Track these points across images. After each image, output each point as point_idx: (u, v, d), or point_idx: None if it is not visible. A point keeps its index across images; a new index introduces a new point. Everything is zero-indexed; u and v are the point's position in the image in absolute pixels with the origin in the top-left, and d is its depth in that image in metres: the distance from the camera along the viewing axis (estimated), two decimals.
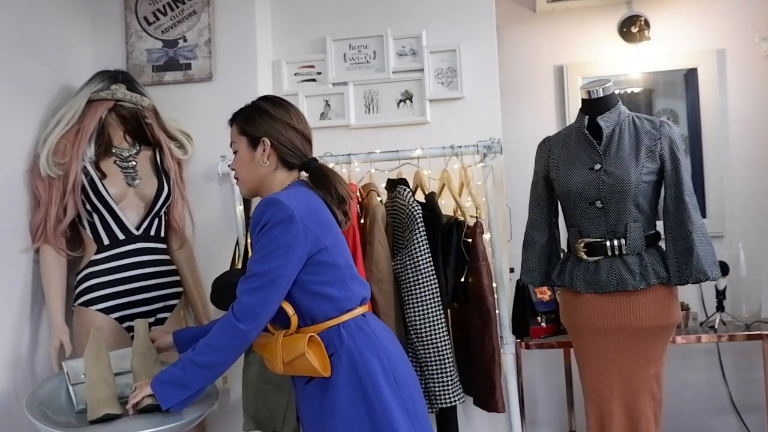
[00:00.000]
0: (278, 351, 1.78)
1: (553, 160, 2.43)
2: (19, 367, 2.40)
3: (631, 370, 2.27)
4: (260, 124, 1.88)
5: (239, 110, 1.94)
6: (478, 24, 2.91)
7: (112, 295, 2.47)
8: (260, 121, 1.88)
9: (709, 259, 2.25)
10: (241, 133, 1.90)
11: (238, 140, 1.90)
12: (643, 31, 3.46)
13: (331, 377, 1.77)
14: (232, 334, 1.74)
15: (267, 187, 1.90)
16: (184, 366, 1.79)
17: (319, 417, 1.80)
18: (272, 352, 1.80)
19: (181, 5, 2.91)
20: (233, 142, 1.92)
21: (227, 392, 2.78)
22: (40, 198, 2.46)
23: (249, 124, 1.89)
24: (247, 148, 1.89)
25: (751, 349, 3.24)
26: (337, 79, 2.98)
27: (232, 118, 1.94)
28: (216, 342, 1.76)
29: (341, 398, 1.76)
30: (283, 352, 1.77)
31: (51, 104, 2.60)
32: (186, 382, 1.79)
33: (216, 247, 2.80)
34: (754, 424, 3.34)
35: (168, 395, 1.81)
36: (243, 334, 1.74)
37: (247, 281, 1.77)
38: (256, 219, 1.77)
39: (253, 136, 1.88)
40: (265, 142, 1.87)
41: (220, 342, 1.76)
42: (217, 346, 1.76)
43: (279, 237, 1.74)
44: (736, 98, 3.43)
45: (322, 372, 1.75)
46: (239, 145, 1.90)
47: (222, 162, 2.77)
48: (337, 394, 1.76)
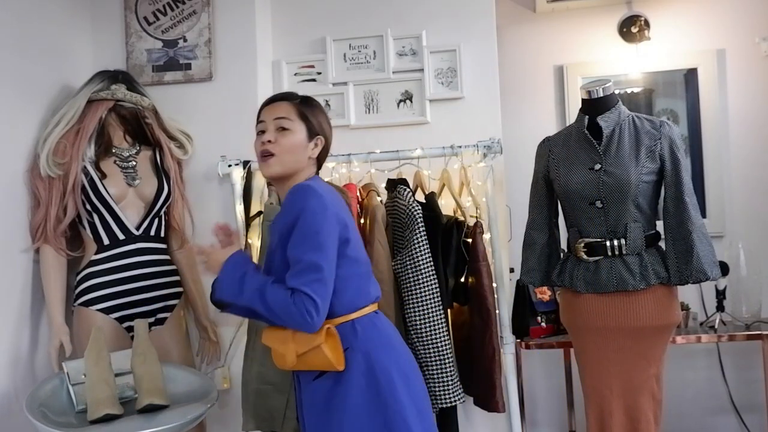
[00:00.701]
0: (291, 343, 1.75)
1: (553, 160, 2.43)
2: (19, 367, 2.39)
3: (631, 370, 2.27)
4: (321, 122, 1.92)
5: (296, 94, 1.94)
6: (478, 24, 2.91)
7: (112, 295, 2.47)
8: (321, 119, 1.92)
9: (709, 259, 2.25)
10: (302, 118, 1.88)
11: (296, 122, 1.88)
12: (643, 31, 3.46)
13: (345, 372, 1.76)
14: (300, 323, 1.70)
15: (295, 177, 1.89)
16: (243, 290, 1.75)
17: (323, 411, 1.78)
18: (284, 344, 1.76)
19: (181, 5, 2.91)
20: (286, 118, 1.87)
21: (227, 392, 2.78)
22: (40, 198, 2.46)
23: (313, 115, 1.90)
24: (305, 135, 1.88)
25: (751, 349, 3.24)
26: (337, 79, 2.98)
27: (287, 97, 1.92)
28: (278, 312, 1.71)
29: (354, 393, 1.75)
30: (297, 345, 1.75)
31: (51, 104, 2.60)
32: (241, 295, 1.76)
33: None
34: (754, 424, 3.34)
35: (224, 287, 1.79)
36: (310, 327, 1.70)
37: (307, 272, 1.71)
38: (293, 205, 1.76)
39: (314, 128, 1.90)
40: (321, 140, 1.90)
41: (281, 312, 1.71)
42: (278, 314, 1.72)
43: (322, 224, 1.74)
44: (736, 98, 3.43)
45: (336, 365, 1.74)
46: (296, 127, 1.87)
47: (222, 162, 2.77)
48: (349, 389, 1.75)
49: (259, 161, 1.89)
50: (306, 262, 1.71)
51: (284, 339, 1.77)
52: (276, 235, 1.80)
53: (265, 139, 1.86)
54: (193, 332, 2.79)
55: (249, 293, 1.74)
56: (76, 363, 2.18)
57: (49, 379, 2.24)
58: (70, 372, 2.16)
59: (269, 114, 1.89)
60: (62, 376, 2.19)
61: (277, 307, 1.71)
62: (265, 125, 1.89)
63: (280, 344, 1.78)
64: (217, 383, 2.67)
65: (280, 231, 1.78)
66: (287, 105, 1.90)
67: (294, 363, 1.76)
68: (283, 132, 1.87)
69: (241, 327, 2.72)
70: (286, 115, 1.88)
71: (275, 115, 1.88)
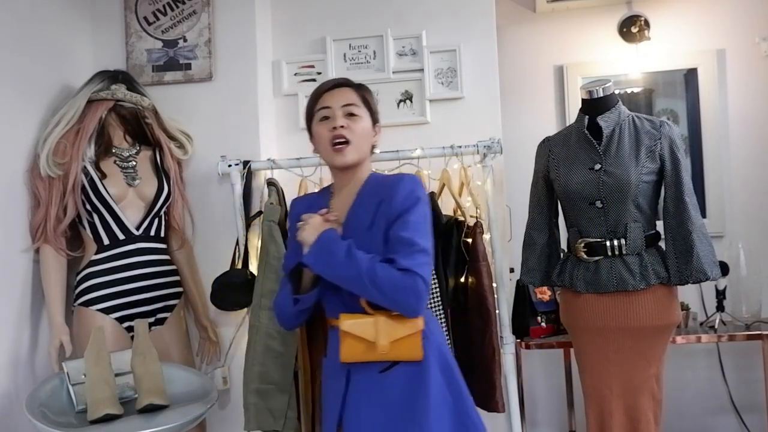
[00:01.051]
0: (385, 329, 1.72)
1: (553, 160, 2.43)
2: (19, 367, 2.39)
3: (631, 370, 2.27)
4: (376, 108, 1.92)
5: (351, 80, 1.92)
6: (478, 24, 2.91)
7: (112, 295, 2.47)
8: (375, 105, 1.92)
9: (709, 259, 2.25)
10: (365, 104, 1.87)
11: (362, 108, 1.86)
12: (643, 31, 3.46)
13: (423, 363, 1.75)
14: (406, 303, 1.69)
15: (363, 167, 1.89)
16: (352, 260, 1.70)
17: (399, 404, 1.74)
18: (374, 331, 1.72)
19: (181, 5, 2.91)
20: (354, 104, 1.84)
21: (227, 392, 2.78)
22: (40, 198, 2.46)
23: (373, 102, 1.90)
24: (370, 122, 1.88)
25: (751, 349, 3.24)
26: None
27: (347, 83, 1.90)
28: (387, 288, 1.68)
29: (433, 383, 1.75)
30: (391, 331, 1.72)
31: (51, 104, 2.60)
32: (337, 270, 1.72)
33: (216, 247, 2.79)
34: (754, 424, 3.34)
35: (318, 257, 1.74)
36: (415, 309, 1.71)
37: (421, 255, 1.72)
38: (412, 192, 1.77)
39: (375, 116, 1.90)
40: (379, 127, 1.92)
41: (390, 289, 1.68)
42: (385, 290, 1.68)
43: (427, 216, 1.78)
44: (736, 98, 3.43)
45: (420, 354, 1.74)
46: (363, 113, 1.86)
47: (222, 162, 2.77)
48: (428, 378, 1.75)
49: (331, 150, 1.83)
50: (420, 246, 1.72)
51: (374, 326, 1.73)
52: (371, 216, 1.78)
53: (338, 124, 1.81)
54: (193, 332, 2.79)
55: (356, 264, 1.69)
56: (76, 363, 2.18)
57: (49, 379, 2.24)
58: (70, 372, 2.16)
59: (335, 100, 1.84)
60: (62, 376, 2.19)
61: (386, 283, 1.68)
62: (331, 111, 1.83)
63: (368, 331, 1.73)
64: (217, 383, 2.67)
65: (387, 212, 1.76)
66: (351, 91, 1.87)
67: (387, 351, 1.72)
68: (354, 118, 1.83)
69: (241, 327, 2.72)
70: (353, 101, 1.85)
71: (343, 101, 1.84)
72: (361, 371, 1.78)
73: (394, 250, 1.73)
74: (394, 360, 1.75)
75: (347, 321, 1.75)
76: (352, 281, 1.71)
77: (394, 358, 1.75)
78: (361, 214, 1.81)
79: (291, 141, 2.98)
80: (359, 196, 1.85)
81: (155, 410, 2.08)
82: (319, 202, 1.92)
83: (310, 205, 1.93)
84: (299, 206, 1.98)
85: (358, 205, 1.84)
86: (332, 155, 1.84)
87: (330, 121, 1.83)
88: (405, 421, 1.72)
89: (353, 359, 1.76)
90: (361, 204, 1.83)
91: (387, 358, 1.74)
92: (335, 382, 1.83)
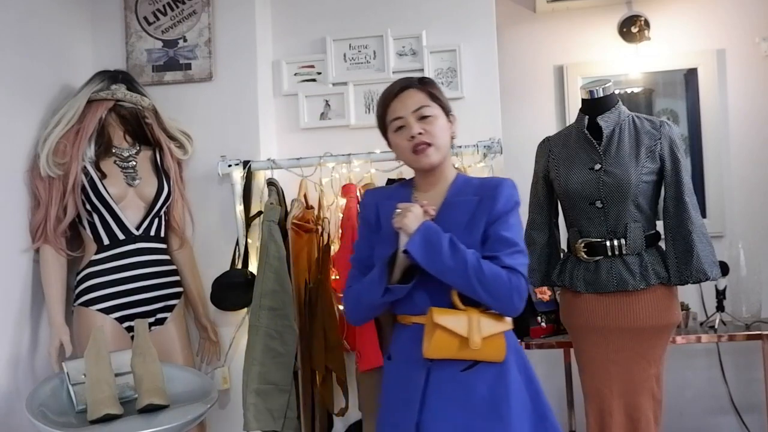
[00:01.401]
0: (478, 326, 1.72)
1: (553, 160, 2.43)
2: (19, 367, 2.39)
3: (631, 370, 2.27)
4: (445, 98, 1.89)
5: (412, 79, 1.89)
6: (478, 24, 2.91)
7: (112, 295, 2.47)
8: (444, 95, 1.89)
9: (709, 259, 2.25)
10: (434, 100, 1.84)
11: (433, 105, 1.84)
12: (643, 31, 3.46)
13: (505, 364, 1.76)
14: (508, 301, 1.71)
15: (446, 165, 1.89)
16: (457, 253, 1.70)
17: (482, 403, 1.72)
18: (468, 327, 1.71)
19: (181, 5, 2.91)
20: (424, 106, 1.82)
21: (227, 392, 2.78)
22: (40, 198, 2.46)
23: (440, 93, 1.88)
24: (444, 116, 1.86)
25: (751, 349, 3.24)
26: (337, 79, 2.97)
27: (409, 84, 1.86)
28: (490, 284, 1.69)
29: (513, 383, 1.75)
30: (484, 328, 1.72)
31: (51, 104, 2.60)
32: (442, 261, 1.70)
33: (216, 247, 2.79)
34: (754, 424, 3.34)
35: (422, 246, 1.71)
36: (515, 308, 1.73)
37: (522, 256, 1.76)
38: (512, 195, 1.82)
39: (446, 107, 1.87)
40: (453, 116, 1.89)
41: (494, 286, 1.69)
42: (488, 285, 1.69)
43: (521, 222, 1.84)
44: (736, 98, 3.43)
45: (503, 354, 1.75)
46: (435, 111, 1.83)
47: (222, 162, 2.77)
48: (510, 378, 1.75)
49: (414, 155, 1.83)
50: (521, 247, 1.77)
51: (467, 321, 1.72)
52: (469, 215, 1.79)
53: (415, 132, 1.80)
54: (193, 332, 2.79)
55: (461, 257, 1.69)
56: (76, 363, 2.18)
57: (49, 379, 2.24)
58: (70, 372, 2.16)
59: (404, 107, 1.83)
60: (62, 376, 2.19)
61: (490, 279, 1.69)
62: (404, 120, 1.82)
63: (461, 326, 1.72)
64: (217, 383, 2.67)
65: (489, 212, 1.78)
66: (417, 92, 1.84)
67: (479, 347, 1.71)
68: (428, 120, 1.82)
69: (241, 327, 2.72)
70: (422, 102, 1.83)
71: (412, 107, 1.82)
72: (443, 369, 1.75)
73: (495, 249, 1.74)
74: (479, 359, 1.74)
75: (440, 314, 1.72)
76: (455, 274, 1.70)
77: (481, 357, 1.74)
78: (456, 212, 1.81)
79: (291, 141, 2.98)
80: (451, 195, 1.85)
81: (155, 410, 2.08)
82: (399, 195, 1.90)
83: (389, 196, 1.92)
84: (375, 196, 1.97)
85: (451, 203, 1.83)
86: (416, 159, 1.84)
87: (406, 130, 1.82)
88: (487, 422, 1.71)
89: (439, 355, 1.73)
90: (455, 202, 1.83)
91: (475, 355, 1.73)
92: (410, 381, 1.78)
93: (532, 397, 1.78)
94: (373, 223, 1.91)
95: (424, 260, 1.71)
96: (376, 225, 1.90)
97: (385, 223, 1.85)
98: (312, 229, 2.69)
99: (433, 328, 1.72)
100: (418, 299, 1.79)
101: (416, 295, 1.79)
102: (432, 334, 1.71)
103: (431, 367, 1.76)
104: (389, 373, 1.88)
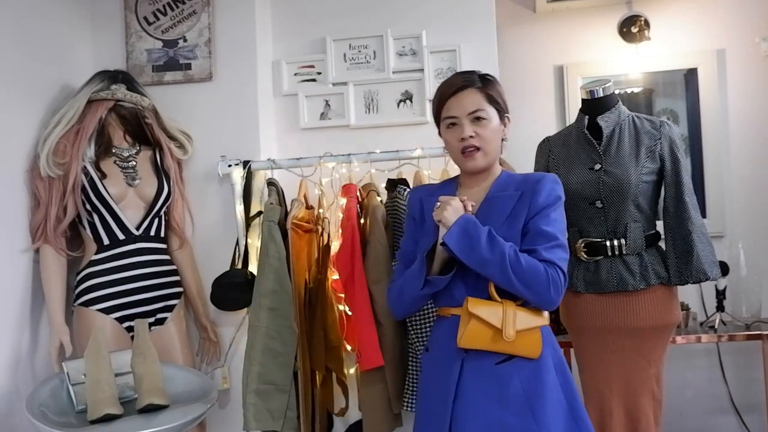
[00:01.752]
0: (513, 319, 1.73)
1: (553, 160, 2.44)
2: (19, 367, 2.39)
3: (631, 370, 2.27)
4: (504, 97, 1.89)
5: (474, 76, 1.88)
6: (478, 24, 2.91)
7: (112, 295, 2.47)
8: (503, 94, 1.89)
9: (709, 259, 2.25)
10: (490, 102, 1.85)
11: (487, 108, 1.84)
12: (643, 31, 3.46)
13: (542, 360, 1.76)
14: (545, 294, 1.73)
15: (494, 167, 1.89)
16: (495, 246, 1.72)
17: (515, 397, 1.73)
18: (505, 318, 1.73)
19: (181, 5, 2.91)
20: (478, 109, 1.83)
21: (227, 392, 2.78)
22: (40, 198, 2.46)
23: (498, 95, 1.87)
24: (497, 119, 1.86)
25: (751, 349, 3.24)
26: (337, 79, 2.97)
27: (469, 83, 1.86)
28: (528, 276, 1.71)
29: (549, 380, 1.75)
30: (519, 321, 1.73)
31: (51, 104, 2.60)
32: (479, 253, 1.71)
33: (216, 247, 2.79)
34: (754, 424, 3.34)
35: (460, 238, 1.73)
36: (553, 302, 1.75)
37: (561, 250, 1.78)
38: (553, 190, 1.83)
39: (502, 109, 1.88)
40: (508, 118, 1.89)
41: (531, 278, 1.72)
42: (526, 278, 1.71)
43: (564, 217, 1.85)
44: (736, 98, 3.43)
45: (539, 349, 1.75)
46: (489, 114, 1.84)
47: (222, 162, 2.77)
48: (545, 375, 1.75)
49: (462, 157, 1.85)
50: (561, 242, 1.78)
51: (502, 313, 1.74)
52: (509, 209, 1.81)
53: (466, 135, 1.82)
54: (193, 332, 2.79)
55: (499, 250, 1.71)
56: (76, 363, 2.18)
57: (49, 379, 2.24)
58: (70, 372, 2.16)
59: (460, 107, 1.84)
60: (62, 376, 2.19)
61: (528, 272, 1.71)
62: (457, 120, 1.84)
63: (496, 318, 1.73)
64: (217, 383, 2.67)
65: (530, 206, 1.80)
66: (475, 93, 1.84)
67: (512, 340, 1.72)
68: (480, 122, 1.83)
69: (241, 327, 2.72)
70: (478, 106, 1.84)
71: (468, 109, 1.83)
72: (477, 360, 1.77)
73: (535, 242, 1.76)
74: (513, 353, 1.75)
75: (475, 304, 1.75)
76: (492, 267, 1.72)
77: (515, 351, 1.74)
78: (497, 207, 1.82)
79: (291, 141, 2.98)
80: (493, 190, 1.86)
81: (155, 410, 2.08)
82: (445, 192, 1.93)
83: (433, 192, 1.95)
84: (421, 192, 2.00)
85: (492, 198, 1.85)
86: (463, 161, 1.87)
87: (457, 130, 1.85)
88: (520, 418, 1.72)
89: (473, 345, 1.75)
90: (496, 197, 1.85)
91: (509, 348, 1.74)
92: (445, 373, 1.80)
93: (568, 397, 1.78)
94: (417, 218, 1.95)
95: (461, 252, 1.73)
96: (420, 220, 1.94)
97: (428, 217, 1.88)
98: (312, 229, 2.69)
99: (468, 318, 1.74)
100: (456, 292, 1.82)
101: (455, 288, 1.82)
102: (467, 323, 1.74)
103: (466, 358, 1.78)
104: (426, 364, 1.92)
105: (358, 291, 2.45)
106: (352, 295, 2.46)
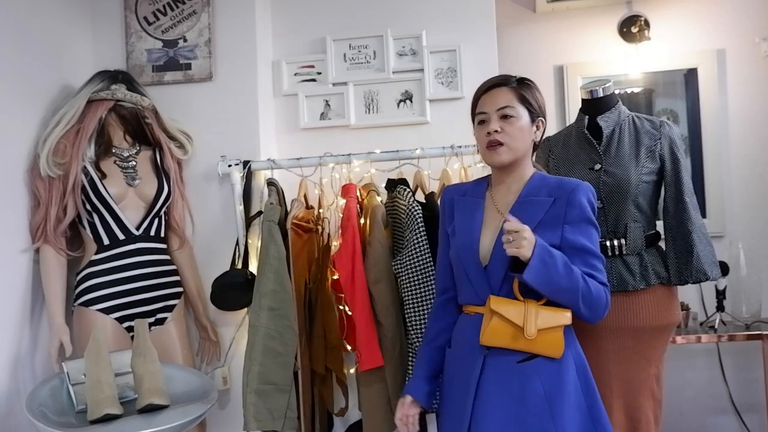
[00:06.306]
0: (535, 317, 1.74)
1: (553, 160, 2.43)
2: (19, 367, 2.39)
3: (631, 370, 2.27)
4: (541, 103, 1.92)
5: (511, 77, 1.92)
6: (478, 24, 2.91)
7: (112, 295, 2.47)
8: (540, 100, 1.92)
9: (709, 259, 2.25)
10: (523, 102, 1.87)
11: (519, 107, 1.87)
12: (643, 31, 3.46)
13: (562, 359, 1.77)
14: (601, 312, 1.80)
15: (523, 165, 1.91)
16: (571, 274, 1.74)
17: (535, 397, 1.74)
18: (526, 317, 1.74)
19: (181, 5, 2.91)
20: (508, 106, 1.86)
21: (227, 392, 2.78)
22: (40, 198, 2.46)
23: (533, 97, 1.90)
24: (528, 119, 1.88)
25: (751, 349, 3.24)
26: (337, 79, 2.98)
27: (504, 82, 1.90)
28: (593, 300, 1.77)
29: (570, 382, 1.76)
30: (541, 320, 1.74)
31: (51, 104, 2.60)
32: (557, 284, 1.74)
33: (216, 247, 2.79)
34: (754, 424, 3.34)
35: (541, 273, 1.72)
36: (601, 317, 1.81)
37: (603, 267, 1.84)
38: (590, 201, 1.84)
39: (535, 111, 1.90)
40: (542, 121, 1.92)
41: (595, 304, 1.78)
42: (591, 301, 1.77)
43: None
44: (736, 98, 3.43)
45: (561, 349, 1.76)
46: (519, 112, 1.86)
47: (222, 162, 2.77)
48: (567, 376, 1.76)
49: (486, 150, 1.87)
50: (602, 257, 1.85)
51: (524, 312, 1.75)
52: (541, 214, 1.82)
53: (491, 129, 1.84)
54: (193, 332, 2.79)
55: (575, 278, 1.75)
56: (76, 363, 2.18)
57: (49, 379, 2.24)
58: (70, 372, 2.16)
59: (490, 104, 1.87)
60: (62, 376, 2.19)
61: (594, 298, 1.77)
62: (487, 116, 1.87)
63: (518, 316, 1.74)
64: (217, 383, 2.67)
65: (564, 214, 1.81)
66: (507, 91, 1.88)
67: (533, 338, 1.73)
68: (508, 120, 1.86)
69: (241, 327, 2.72)
70: (508, 102, 1.86)
71: (497, 105, 1.86)
72: (499, 358, 1.77)
73: (588, 264, 1.80)
74: (535, 351, 1.76)
75: (498, 302, 1.76)
76: (566, 294, 1.75)
77: (536, 349, 1.75)
78: (529, 211, 1.82)
79: (291, 141, 2.98)
80: (525, 194, 1.87)
81: (155, 410, 2.08)
82: (476, 192, 1.96)
83: (464, 192, 1.97)
84: (453, 193, 2.01)
85: (524, 202, 1.85)
86: (487, 154, 1.88)
87: (485, 125, 1.87)
88: (538, 418, 1.72)
89: (495, 342, 1.76)
90: (528, 202, 1.85)
91: (530, 347, 1.75)
92: (467, 369, 1.81)
93: (588, 400, 1.78)
94: (447, 219, 1.98)
95: (539, 284, 1.74)
96: (449, 219, 1.97)
97: (458, 215, 1.92)
98: (312, 229, 2.69)
99: (490, 315, 1.76)
100: (480, 290, 1.83)
101: (478, 286, 1.83)
102: (489, 321, 1.75)
103: (487, 355, 1.79)
104: (449, 360, 1.93)
105: (358, 291, 2.45)
106: (352, 295, 2.46)
